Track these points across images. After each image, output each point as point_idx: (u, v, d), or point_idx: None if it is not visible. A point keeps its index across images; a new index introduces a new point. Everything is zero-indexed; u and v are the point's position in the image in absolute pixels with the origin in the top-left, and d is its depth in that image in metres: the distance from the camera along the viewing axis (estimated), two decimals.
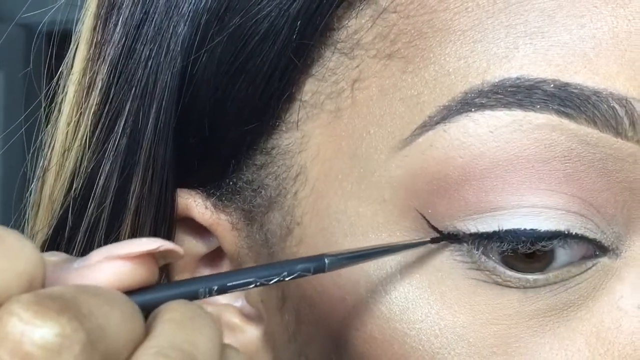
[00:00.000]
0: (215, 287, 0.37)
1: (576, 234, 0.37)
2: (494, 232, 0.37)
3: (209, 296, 0.37)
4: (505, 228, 0.37)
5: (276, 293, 0.43)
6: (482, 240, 0.37)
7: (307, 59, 0.40)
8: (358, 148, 0.39)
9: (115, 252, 0.33)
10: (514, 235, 0.37)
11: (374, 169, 0.39)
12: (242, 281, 0.38)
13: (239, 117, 0.42)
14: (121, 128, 0.43)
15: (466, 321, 0.38)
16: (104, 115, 0.44)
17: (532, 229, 0.36)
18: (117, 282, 0.32)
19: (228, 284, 0.37)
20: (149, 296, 0.35)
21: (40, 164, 0.49)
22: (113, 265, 0.32)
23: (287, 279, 0.38)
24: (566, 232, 0.36)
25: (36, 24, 0.57)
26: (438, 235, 0.38)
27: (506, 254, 0.37)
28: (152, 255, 0.33)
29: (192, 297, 0.37)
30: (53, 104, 0.49)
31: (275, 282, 0.38)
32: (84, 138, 0.45)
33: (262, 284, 0.38)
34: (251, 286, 0.38)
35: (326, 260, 0.38)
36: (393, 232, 0.39)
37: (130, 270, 0.32)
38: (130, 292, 0.35)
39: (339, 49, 0.40)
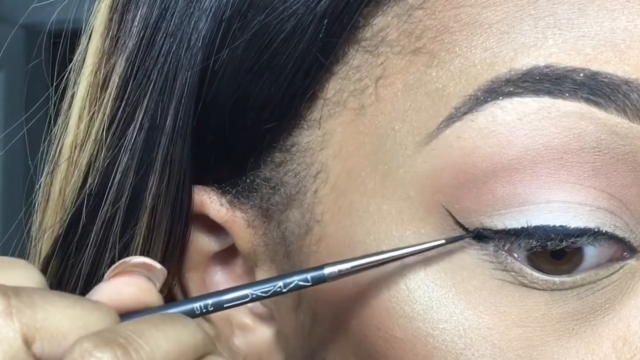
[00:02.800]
0: (211, 302, 0.37)
1: (606, 232, 0.36)
2: (522, 229, 0.36)
3: (206, 314, 0.38)
4: (533, 224, 0.36)
5: (290, 294, 0.43)
6: (510, 237, 0.37)
7: (331, 58, 0.40)
8: (382, 145, 0.39)
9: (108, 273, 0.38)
10: (542, 232, 0.36)
11: (399, 166, 0.39)
12: (237, 294, 0.38)
13: (260, 116, 0.41)
14: (138, 124, 0.43)
15: (491, 322, 0.37)
16: (121, 110, 0.43)
17: (561, 226, 0.36)
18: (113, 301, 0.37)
19: (224, 299, 0.38)
20: (144, 315, 0.37)
21: (50, 159, 0.48)
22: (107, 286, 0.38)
23: (283, 290, 0.38)
24: (596, 230, 0.36)
25: (37, 23, 0.56)
26: (465, 232, 0.37)
27: (534, 250, 0.37)
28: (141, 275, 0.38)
29: (189, 315, 0.37)
30: (63, 99, 0.48)
31: (271, 295, 0.38)
32: (99, 133, 0.44)
33: (258, 298, 0.38)
34: (247, 299, 0.38)
35: (325, 272, 0.38)
36: (418, 229, 0.38)
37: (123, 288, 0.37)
38: (130, 314, 0.37)
39: (363, 47, 0.40)
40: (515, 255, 0.37)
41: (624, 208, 0.36)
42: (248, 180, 0.43)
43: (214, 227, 0.44)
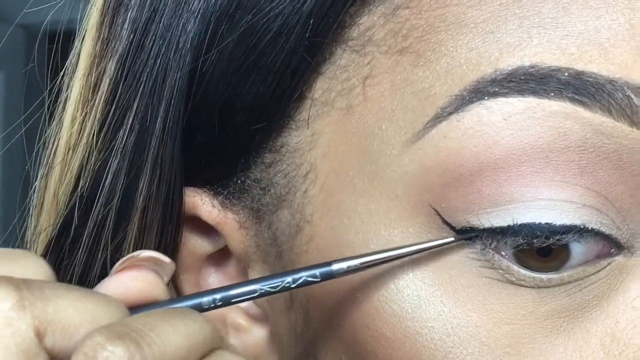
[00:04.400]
0: (219, 297, 0.37)
1: (592, 229, 0.36)
2: (509, 227, 0.37)
3: (214, 308, 0.38)
4: (519, 222, 0.36)
5: (284, 293, 0.43)
6: (496, 235, 0.37)
7: (318, 57, 0.40)
8: (370, 144, 0.39)
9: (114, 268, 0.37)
10: (528, 230, 0.36)
11: (386, 165, 0.39)
12: (246, 289, 0.38)
13: (249, 116, 0.41)
14: (129, 126, 0.43)
15: (479, 320, 0.37)
16: (112, 112, 0.43)
17: (547, 223, 0.36)
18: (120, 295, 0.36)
19: (232, 294, 0.38)
20: (152, 309, 0.36)
21: (44, 163, 0.48)
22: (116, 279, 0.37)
23: (292, 286, 0.38)
24: (582, 227, 0.36)
25: (37, 24, 0.57)
26: (452, 231, 0.37)
27: (521, 247, 0.37)
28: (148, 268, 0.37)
29: (197, 309, 0.37)
30: (57, 102, 0.48)
31: (280, 290, 0.38)
32: (91, 136, 0.44)
33: (266, 293, 0.38)
34: (255, 294, 0.38)
35: (333, 268, 0.38)
36: (406, 228, 0.38)
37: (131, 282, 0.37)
38: (138, 308, 0.36)
39: (350, 47, 0.40)
40: (503, 253, 0.37)
41: (610, 205, 0.36)
42: (239, 182, 0.43)
43: (206, 229, 0.44)
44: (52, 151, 0.48)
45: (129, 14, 0.44)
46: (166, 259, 0.38)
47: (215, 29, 0.41)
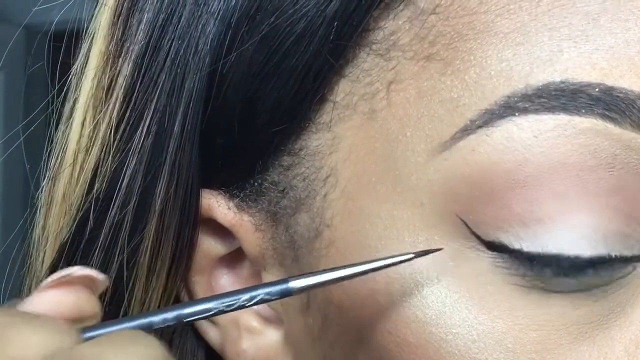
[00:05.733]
0: (171, 317, 0.36)
1: (615, 256, 0.36)
2: (538, 255, 0.36)
3: (165, 328, 0.37)
4: (548, 252, 0.36)
5: (299, 296, 0.42)
6: (524, 260, 0.37)
7: (341, 60, 0.39)
8: (393, 150, 0.39)
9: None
10: (556, 261, 0.36)
11: (411, 172, 0.38)
12: (199, 308, 0.37)
13: (269, 119, 0.41)
14: (146, 128, 0.42)
15: (505, 326, 0.37)
16: (128, 114, 0.43)
17: (575, 256, 0.36)
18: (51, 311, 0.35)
19: (185, 313, 0.37)
20: (101, 330, 0.35)
21: (51, 164, 0.48)
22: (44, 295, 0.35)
23: (247, 304, 0.37)
24: (607, 256, 0.36)
25: (37, 24, 0.56)
26: (480, 242, 0.37)
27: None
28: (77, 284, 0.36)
29: (147, 329, 0.36)
30: (62, 102, 0.48)
31: (236, 308, 0.37)
32: (106, 137, 0.44)
33: (221, 312, 0.37)
34: (210, 313, 0.37)
35: (290, 285, 0.37)
36: (431, 235, 0.38)
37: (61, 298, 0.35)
38: (86, 328, 0.35)
39: (374, 50, 0.39)
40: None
41: (636, 225, 0.36)
42: (256, 184, 0.43)
43: (220, 231, 0.44)
44: (61, 153, 0.47)
45: (146, 15, 0.43)
46: (100, 276, 0.36)
47: (236, 31, 0.41)
